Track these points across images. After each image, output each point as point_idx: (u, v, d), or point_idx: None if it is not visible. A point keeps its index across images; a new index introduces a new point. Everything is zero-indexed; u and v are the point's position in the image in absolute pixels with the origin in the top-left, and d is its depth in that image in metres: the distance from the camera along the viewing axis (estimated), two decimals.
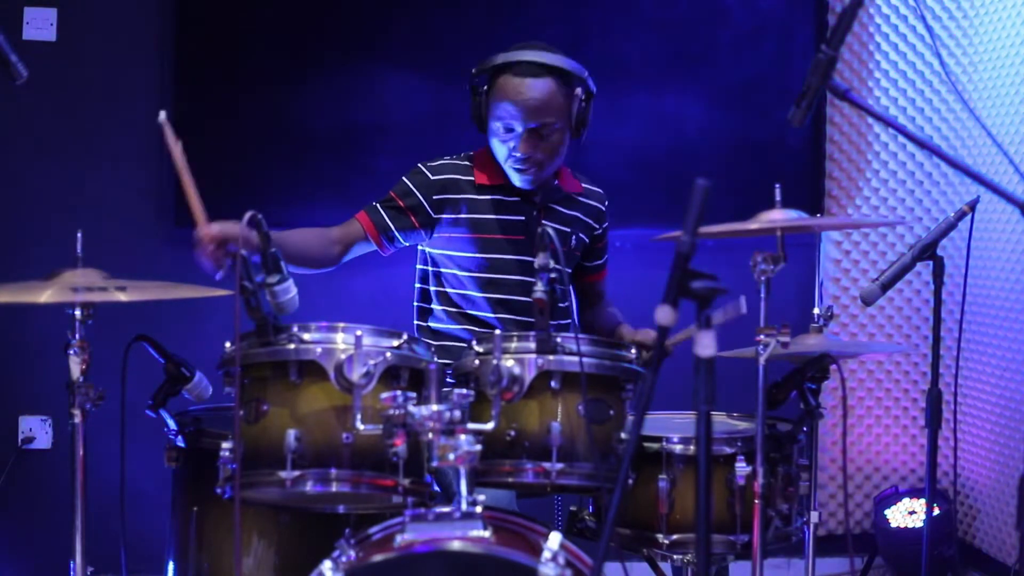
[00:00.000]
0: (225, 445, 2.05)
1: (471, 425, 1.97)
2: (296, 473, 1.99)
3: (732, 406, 2.67)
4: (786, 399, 2.42)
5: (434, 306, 2.84)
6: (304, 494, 2.05)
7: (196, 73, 3.76)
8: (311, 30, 3.80)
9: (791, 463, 2.44)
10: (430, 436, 1.93)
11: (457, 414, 1.93)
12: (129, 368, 2.26)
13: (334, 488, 2.02)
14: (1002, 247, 3.76)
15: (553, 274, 2.13)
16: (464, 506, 1.92)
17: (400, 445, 1.97)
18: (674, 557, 2.44)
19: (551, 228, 2.16)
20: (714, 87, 3.96)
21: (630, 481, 2.30)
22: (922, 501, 3.76)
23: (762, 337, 2.22)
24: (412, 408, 1.94)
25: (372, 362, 1.99)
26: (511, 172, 2.74)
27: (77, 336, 2.13)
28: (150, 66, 3.78)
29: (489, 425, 2.05)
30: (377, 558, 1.89)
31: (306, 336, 2.04)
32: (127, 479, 2.34)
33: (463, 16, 3.83)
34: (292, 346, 2.03)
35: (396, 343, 2.07)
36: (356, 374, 1.99)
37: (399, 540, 1.90)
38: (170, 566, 2.40)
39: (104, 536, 2.43)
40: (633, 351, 2.26)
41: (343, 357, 2.00)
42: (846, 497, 4.14)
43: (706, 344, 1.58)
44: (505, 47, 2.72)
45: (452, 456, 1.91)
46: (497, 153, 2.74)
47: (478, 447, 1.93)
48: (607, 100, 3.83)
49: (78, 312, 2.13)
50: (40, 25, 3.71)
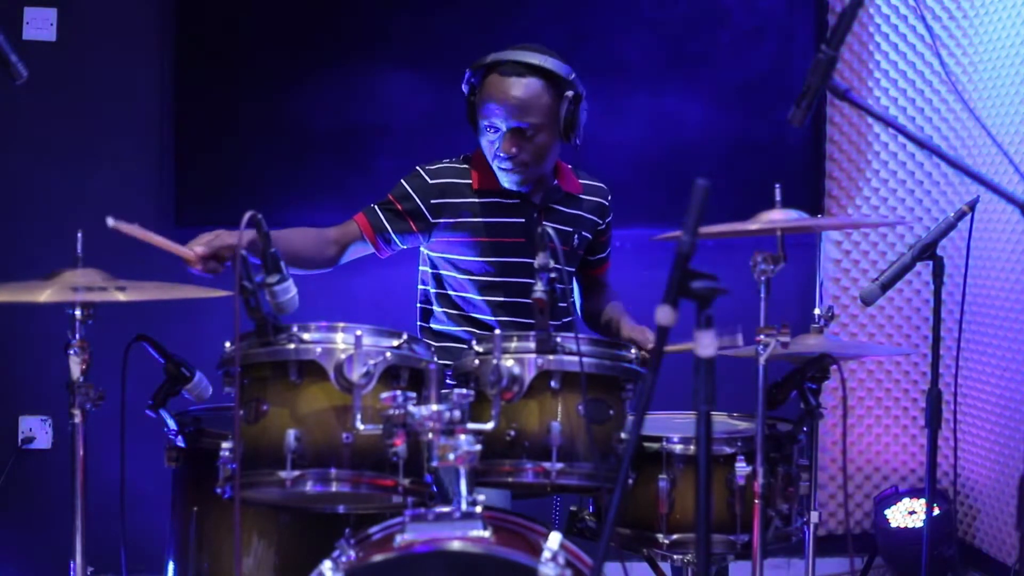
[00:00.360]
0: (225, 445, 2.06)
1: (471, 425, 1.97)
2: (296, 473, 1.99)
3: (732, 406, 2.67)
4: (786, 399, 2.42)
5: (435, 308, 2.83)
6: (304, 494, 2.05)
7: (196, 73, 3.76)
8: (311, 30, 3.80)
9: (791, 463, 2.44)
10: (430, 436, 1.93)
11: (457, 414, 1.94)
12: (129, 368, 2.26)
13: (334, 488, 2.02)
14: (1002, 247, 3.75)
15: (553, 274, 2.12)
16: (464, 506, 1.92)
17: (400, 445, 1.97)
18: (674, 557, 2.44)
19: (551, 228, 2.16)
20: (714, 87, 3.95)
21: (630, 481, 2.30)
22: (922, 501, 3.75)
23: (762, 337, 2.22)
24: (412, 408, 1.94)
25: (372, 362, 1.99)
26: (497, 172, 2.73)
27: (77, 336, 2.13)
28: (150, 66, 3.78)
29: (489, 425, 2.05)
30: (377, 558, 1.89)
31: (306, 336, 2.04)
32: (127, 479, 2.34)
33: (463, 16, 3.82)
34: (292, 346, 2.03)
35: (396, 343, 2.07)
36: (356, 374, 1.99)
37: (399, 540, 1.90)
38: (170, 566, 2.40)
39: (104, 536, 2.42)
40: (633, 351, 2.26)
41: (343, 357, 2.00)
42: (846, 497, 4.14)
43: (706, 344, 1.57)
44: (504, 47, 2.72)
45: (452, 456, 1.91)
46: (485, 153, 2.74)
47: (478, 447, 1.93)
48: (607, 100, 3.85)
49: (78, 312, 2.13)
50: (40, 25, 3.71)
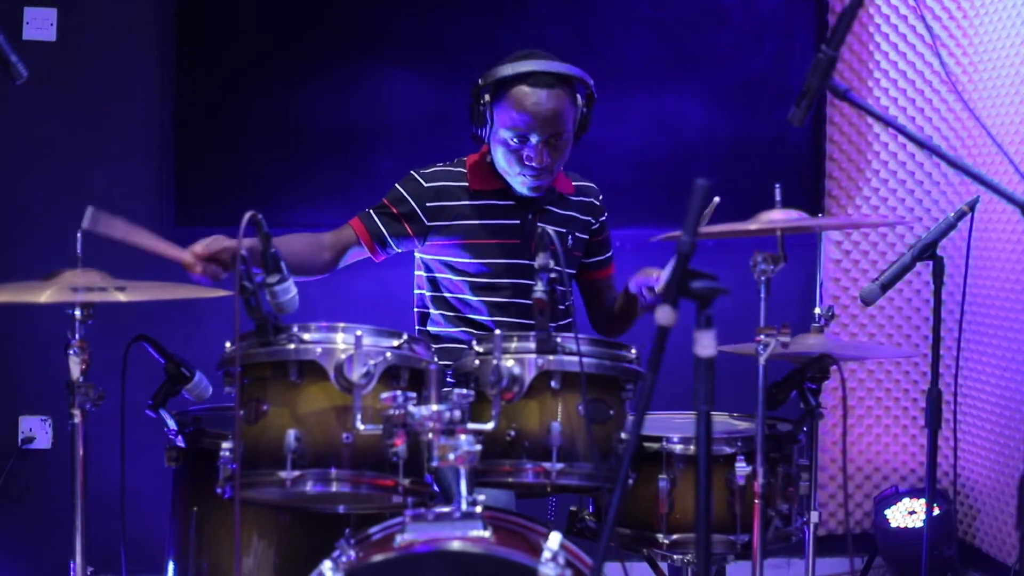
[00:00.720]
0: (225, 445, 2.06)
1: (471, 425, 1.97)
2: (296, 473, 1.99)
3: (732, 406, 2.67)
4: (786, 399, 2.42)
5: (431, 311, 2.83)
6: (304, 494, 2.05)
7: (196, 73, 3.76)
8: (311, 30, 3.80)
9: (791, 463, 2.44)
10: (430, 436, 1.93)
11: (457, 414, 1.93)
12: (129, 368, 2.26)
13: (334, 488, 2.01)
14: (1002, 247, 3.75)
15: (553, 274, 2.12)
16: (464, 506, 1.92)
17: (400, 445, 1.97)
18: (674, 557, 2.44)
19: (551, 229, 2.16)
20: (714, 87, 3.95)
21: (630, 481, 2.29)
22: (922, 501, 3.75)
23: (762, 337, 2.22)
24: (412, 408, 1.94)
25: (372, 362, 1.99)
26: (519, 180, 2.71)
27: (77, 336, 2.13)
28: (150, 66, 3.78)
29: (489, 425, 2.05)
30: (377, 558, 1.89)
31: (306, 336, 2.04)
32: (127, 479, 2.34)
33: (463, 16, 3.82)
34: (292, 346, 2.03)
35: (396, 343, 2.07)
36: (356, 374, 1.98)
37: (399, 540, 1.90)
38: (170, 566, 2.40)
39: (104, 536, 2.43)
40: (633, 351, 2.26)
41: (343, 357, 2.00)
42: (846, 497, 4.14)
43: (706, 344, 1.57)
44: (505, 48, 2.72)
45: (452, 456, 1.91)
46: (502, 161, 2.71)
47: (478, 447, 1.93)
48: (607, 100, 3.82)
49: (78, 312, 2.13)
50: (40, 25, 3.71)
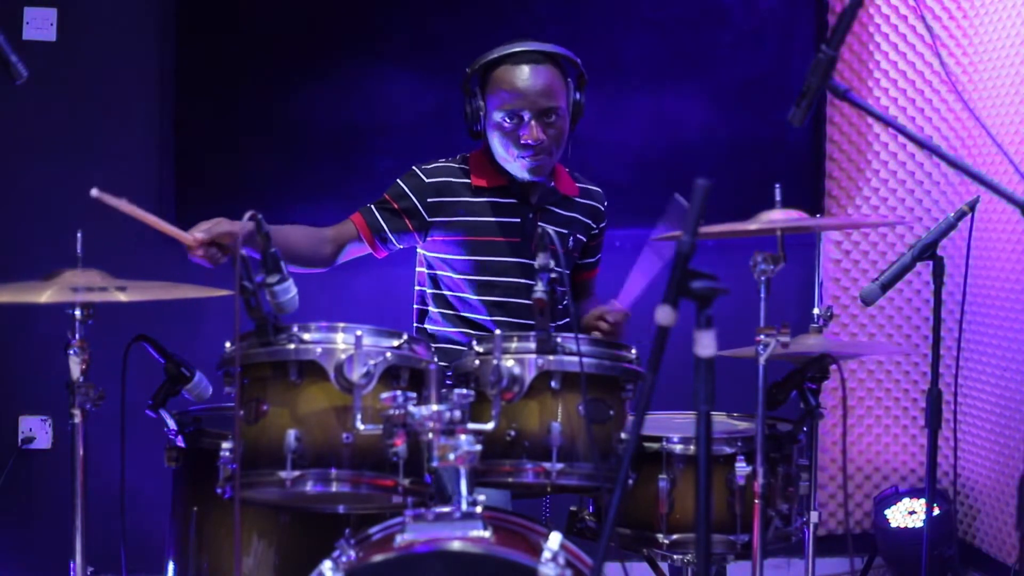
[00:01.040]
0: (225, 445, 2.05)
1: (471, 425, 1.97)
2: (296, 473, 1.99)
3: (732, 406, 2.67)
4: (786, 399, 2.42)
5: (430, 308, 2.83)
6: (304, 494, 2.05)
7: (196, 73, 3.76)
8: (311, 30, 3.80)
9: (791, 463, 2.44)
10: (430, 436, 1.93)
11: (457, 414, 1.94)
12: (129, 368, 2.26)
13: (334, 488, 2.01)
14: (1002, 247, 3.75)
15: (553, 275, 2.12)
16: (464, 506, 1.92)
17: (400, 445, 1.97)
18: (674, 557, 2.44)
19: (551, 230, 2.16)
20: (714, 87, 3.95)
21: (630, 481, 2.29)
22: (922, 501, 3.75)
23: (762, 337, 2.22)
24: (412, 408, 1.94)
25: (372, 362, 1.99)
26: (518, 163, 2.69)
27: (77, 336, 2.13)
28: (150, 66, 3.78)
29: (489, 425, 2.05)
30: (377, 558, 1.89)
31: (306, 336, 2.04)
32: (127, 479, 2.34)
33: (463, 17, 3.82)
34: (292, 346, 2.03)
35: (396, 343, 2.07)
36: (356, 374, 1.98)
37: (399, 540, 1.90)
38: (170, 566, 2.39)
39: (104, 536, 2.43)
40: (633, 351, 2.26)
41: (343, 357, 2.00)
42: (846, 497, 4.14)
43: (706, 344, 1.57)
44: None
45: (452, 456, 1.91)
46: (499, 148, 2.70)
47: (478, 447, 1.93)
48: (607, 100, 3.85)
49: (78, 312, 2.13)
50: (40, 25, 3.71)
